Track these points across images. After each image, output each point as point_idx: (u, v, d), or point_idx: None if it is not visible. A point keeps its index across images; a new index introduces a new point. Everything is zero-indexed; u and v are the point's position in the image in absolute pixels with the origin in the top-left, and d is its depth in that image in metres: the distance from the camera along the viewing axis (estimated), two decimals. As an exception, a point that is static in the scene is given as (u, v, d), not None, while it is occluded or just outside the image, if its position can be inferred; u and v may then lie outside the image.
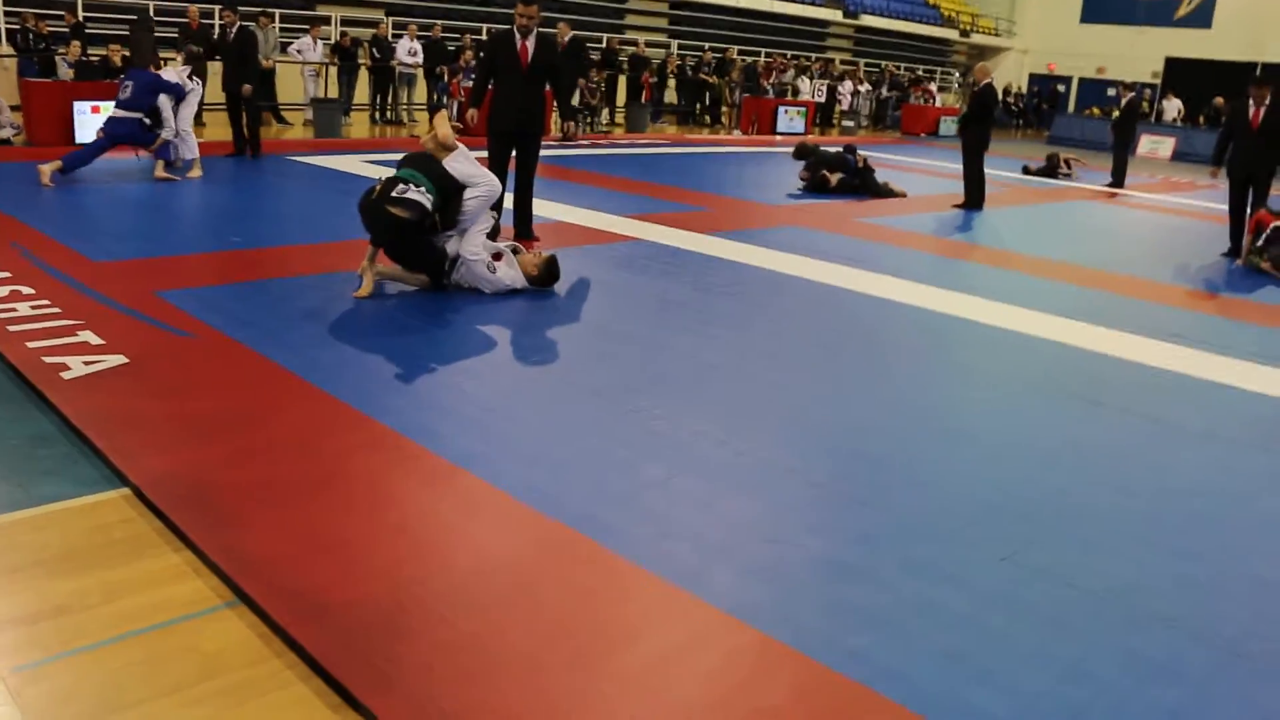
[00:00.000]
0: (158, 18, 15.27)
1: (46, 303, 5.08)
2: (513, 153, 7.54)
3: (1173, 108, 26.14)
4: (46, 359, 4.27)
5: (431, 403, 4.25)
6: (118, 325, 4.80)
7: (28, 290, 5.27)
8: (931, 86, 27.26)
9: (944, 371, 5.23)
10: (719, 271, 7.08)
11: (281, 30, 15.86)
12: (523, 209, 7.70)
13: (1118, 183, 15.36)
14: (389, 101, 16.75)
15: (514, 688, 2.36)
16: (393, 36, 16.70)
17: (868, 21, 30.19)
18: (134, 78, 9.12)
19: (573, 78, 15.32)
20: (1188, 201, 14.69)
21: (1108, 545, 3.33)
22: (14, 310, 4.93)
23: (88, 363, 4.25)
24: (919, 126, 24.48)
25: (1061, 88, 33.35)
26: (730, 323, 5.77)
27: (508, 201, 7.35)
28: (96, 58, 12.89)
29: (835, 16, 29.31)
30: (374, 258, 5.77)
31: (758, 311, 6.13)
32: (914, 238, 9.36)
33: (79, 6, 14.94)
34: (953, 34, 33.54)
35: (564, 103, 8.40)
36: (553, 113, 12.00)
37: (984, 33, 34.66)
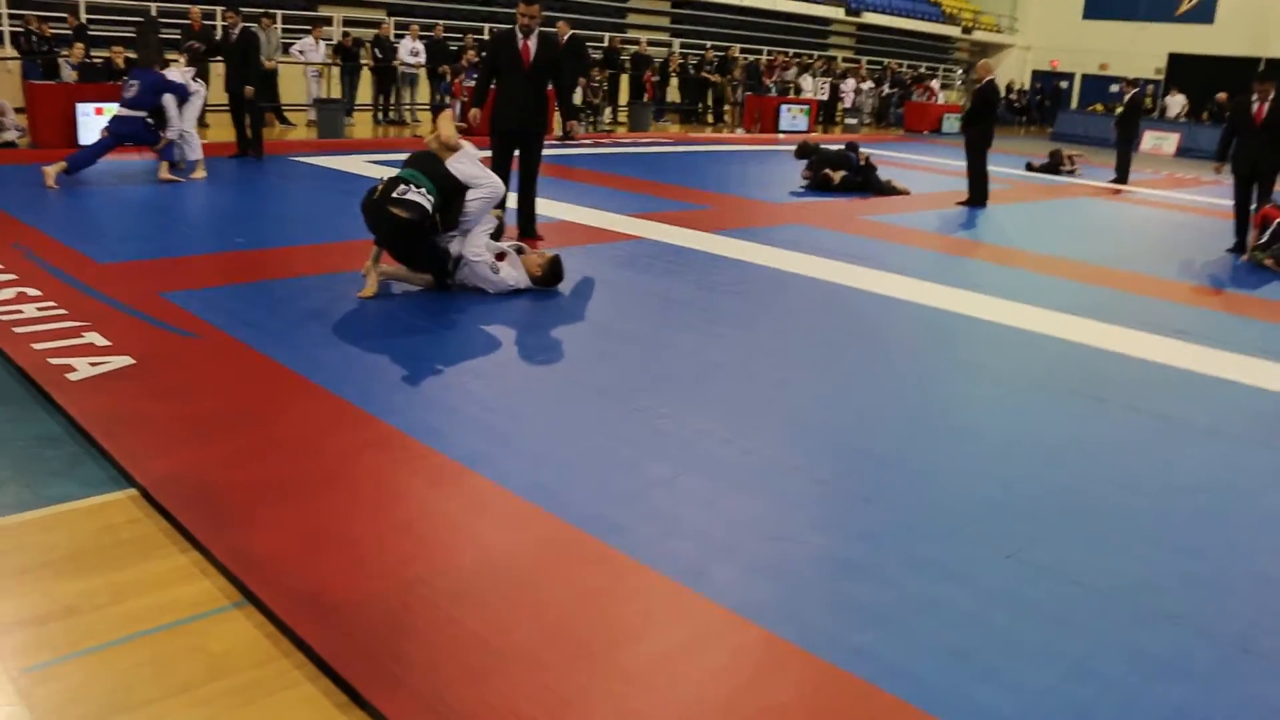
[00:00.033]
0: (160, 19, 15.27)
1: (52, 304, 5.09)
2: (516, 152, 7.55)
3: (1176, 104, 26.09)
4: (53, 360, 4.28)
5: (436, 402, 4.26)
6: (123, 326, 4.82)
7: (33, 292, 5.29)
8: (934, 84, 27.22)
9: (948, 369, 5.23)
10: (723, 270, 7.09)
11: (283, 31, 15.87)
12: (526, 208, 7.71)
13: (1121, 179, 15.34)
14: (391, 102, 16.76)
15: (520, 686, 2.37)
16: (395, 36, 16.72)
17: (870, 19, 30.18)
18: (139, 77, 9.14)
19: (572, 77, 15.32)
20: (1192, 198, 14.66)
21: (1113, 542, 3.33)
22: (20, 312, 4.94)
23: (94, 364, 4.26)
24: (922, 124, 24.46)
25: (1064, 84, 33.29)
26: (734, 321, 5.77)
27: (511, 201, 7.36)
28: (100, 59, 12.91)
29: (838, 14, 29.29)
30: (378, 258, 5.77)
31: (762, 310, 6.13)
32: (918, 235, 9.35)
33: (82, 8, 14.97)
34: (955, 31, 33.50)
35: (566, 102, 8.41)
36: (554, 112, 12.01)
37: (986, 29, 34.62)
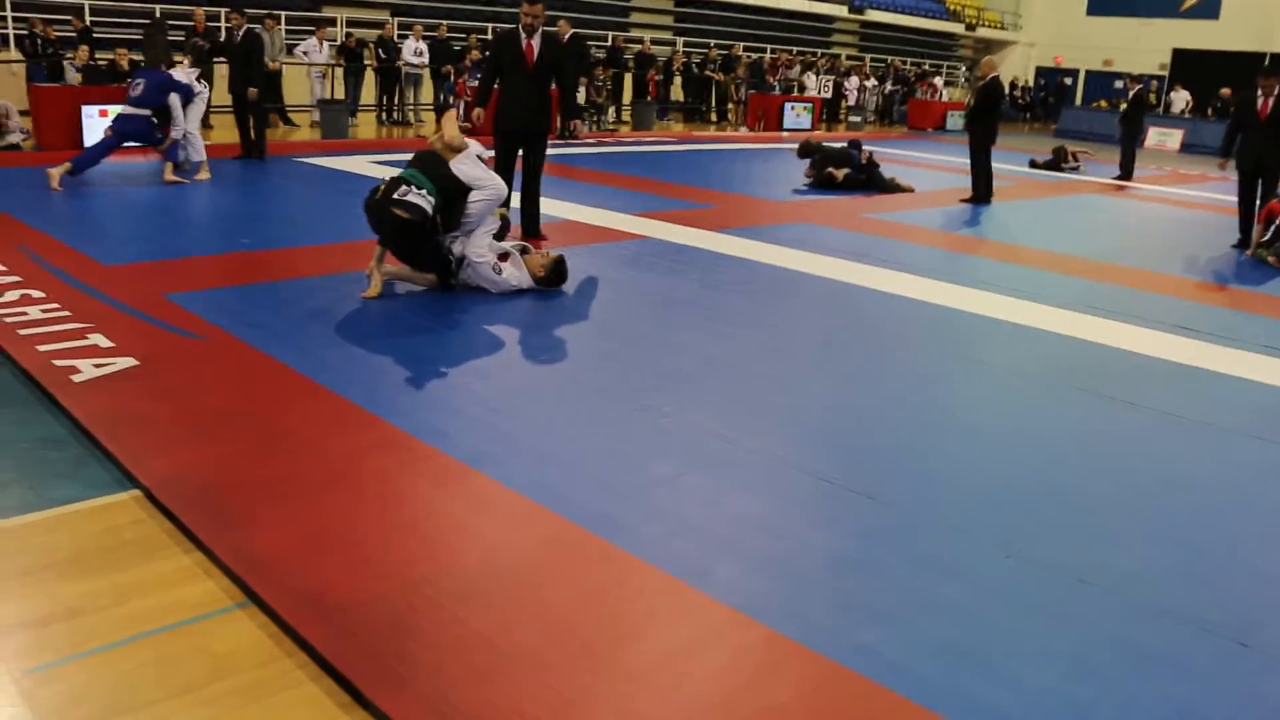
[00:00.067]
0: (164, 21, 15.29)
1: (56, 306, 5.10)
2: (519, 151, 7.56)
3: (1181, 99, 26.04)
4: (57, 362, 4.29)
5: (440, 402, 4.26)
6: (127, 328, 4.83)
7: (38, 294, 5.30)
8: (937, 81, 27.18)
9: (951, 365, 5.22)
10: (727, 269, 7.08)
11: (287, 32, 15.90)
12: (530, 207, 7.71)
13: (1126, 175, 15.31)
14: (395, 102, 16.78)
15: (525, 686, 2.37)
16: (398, 37, 16.73)
17: (874, 16, 30.15)
18: (145, 76, 9.16)
19: (574, 76, 15.33)
20: (1196, 193, 14.63)
21: (1114, 539, 3.32)
22: (24, 314, 4.95)
23: (98, 365, 4.27)
24: (926, 121, 24.44)
25: (1068, 81, 33.25)
26: (738, 320, 5.77)
27: (515, 200, 7.36)
28: (104, 62, 12.92)
29: (841, 12, 29.26)
30: (382, 258, 5.78)
31: (765, 308, 6.12)
32: (922, 233, 9.34)
33: (86, 11, 15.00)
34: (959, 28, 33.46)
35: (569, 101, 8.41)
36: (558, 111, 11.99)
37: (990, 26, 34.57)
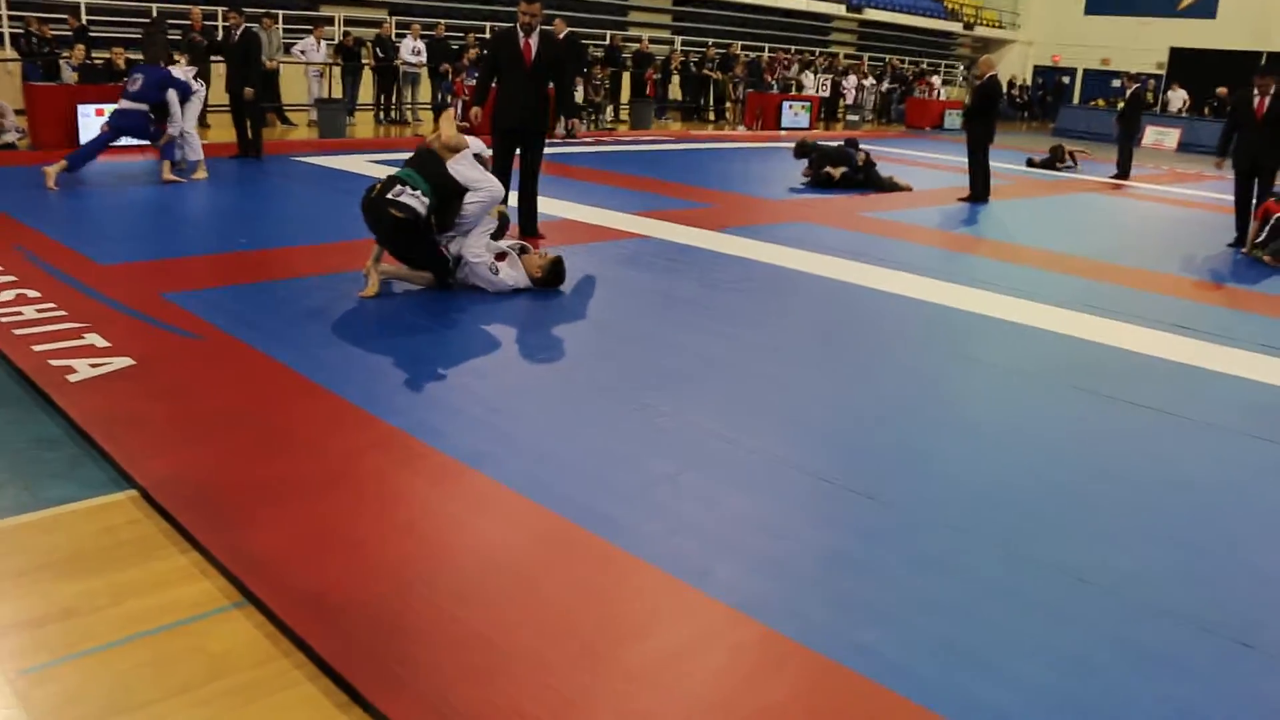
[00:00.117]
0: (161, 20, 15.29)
1: (52, 306, 5.09)
2: (517, 150, 7.55)
3: (1178, 98, 26.05)
4: (53, 362, 4.28)
5: (438, 402, 4.25)
6: (124, 327, 4.81)
7: (33, 293, 5.29)
8: (935, 80, 27.18)
9: (949, 364, 5.22)
10: (725, 267, 7.08)
11: (285, 31, 15.87)
12: (528, 206, 7.70)
13: (1123, 174, 15.31)
14: (393, 101, 16.76)
15: (524, 686, 2.36)
16: (396, 36, 16.71)
17: (872, 15, 30.13)
18: (144, 71, 9.13)
19: (571, 75, 15.32)
20: (1193, 192, 14.63)
21: (1113, 538, 3.32)
22: (20, 314, 4.94)
23: (94, 365, 4.26)
24: (923, 120, 24.44)
25: (1066, 80, 33.26)
26: (736, 319, 5.76)
27: (512, 199, 7.35)
28: (100, 61, 12.90)
29: (839, 11, 29.24)
30: (379, 257, 5.77)
31: (764, 307, 6.12)
32: (920, 231, 9.34)
33: (82, 10, 14.96)
34: (957, 27, 33.44)
35: (566, 100, 8.40)
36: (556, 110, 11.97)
37: (988, 25, 34.55)
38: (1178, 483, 3.83)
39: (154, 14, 15.33)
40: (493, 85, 7.57)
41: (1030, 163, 16.44)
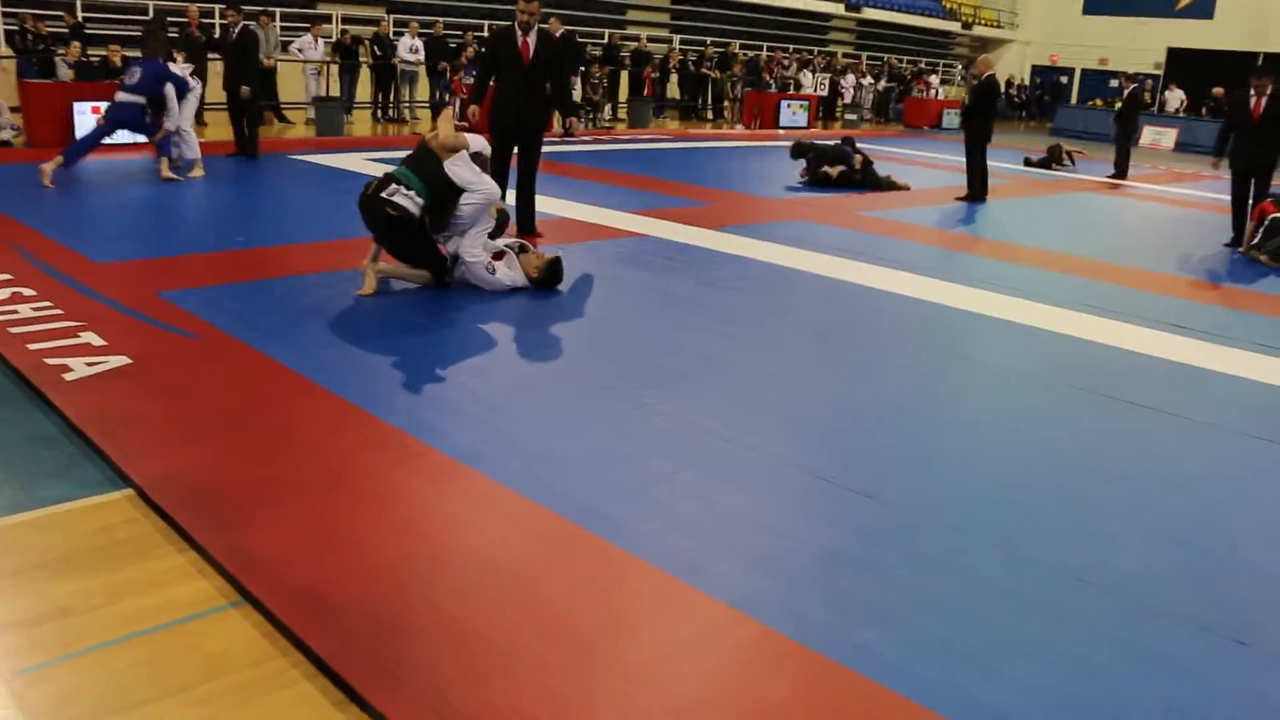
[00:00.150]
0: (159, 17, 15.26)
1: (48, 304, 5.07)
2: (515, 149, 7.53)
3: (1175, 99, 26.07)
4: (48, 361, 4.26)
5: (436, 400, 4.24)
6: (120, 326, 4.80)
7: (29, 292, 5.27)
8: (933, 79, 27.18)
9: (947, 364, 5.21)
10: (723, 266, 7.07)
11: (282, 29, 15.84)
12: (525, 205, 7.69)
13: (1120, 174, 15.32)
14: (391, 99, 16.74)
15: (524, 685, 2.35)
16: (394, 34, 16.68)
17: (870, 14, 30.12)
18: (142, 65, 9.10)
19: (568, 74, 15.32)
20: (1190, 192, 14.65)
21: (1112, 537, 3.31)
22: (15, 312, 4.92)
23: (90, 364, 4.24)
24: (921, 119, 24.44)
25: (1064, 79, 33.27)
26: (734, 317, 5.76)
27: (510, 198, 7.34)
28: (96, 58, 12.87)
29: (837, 10, 29.23)
30: (377, 256, 5.76)
31: (762, 306, 6.11)
32: (917, 231, 9.33)
33: (78, 7, 14.92)
34: (955, 26, 33.44)
35: (564, 98, 8.38)
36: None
37: (986, 25, 34.56)
38: (1177, 483, 3.83)
39: (150, 11, 15.31)
40: (490, 84, 7.56)
41: (1028, 162, 16.44)
